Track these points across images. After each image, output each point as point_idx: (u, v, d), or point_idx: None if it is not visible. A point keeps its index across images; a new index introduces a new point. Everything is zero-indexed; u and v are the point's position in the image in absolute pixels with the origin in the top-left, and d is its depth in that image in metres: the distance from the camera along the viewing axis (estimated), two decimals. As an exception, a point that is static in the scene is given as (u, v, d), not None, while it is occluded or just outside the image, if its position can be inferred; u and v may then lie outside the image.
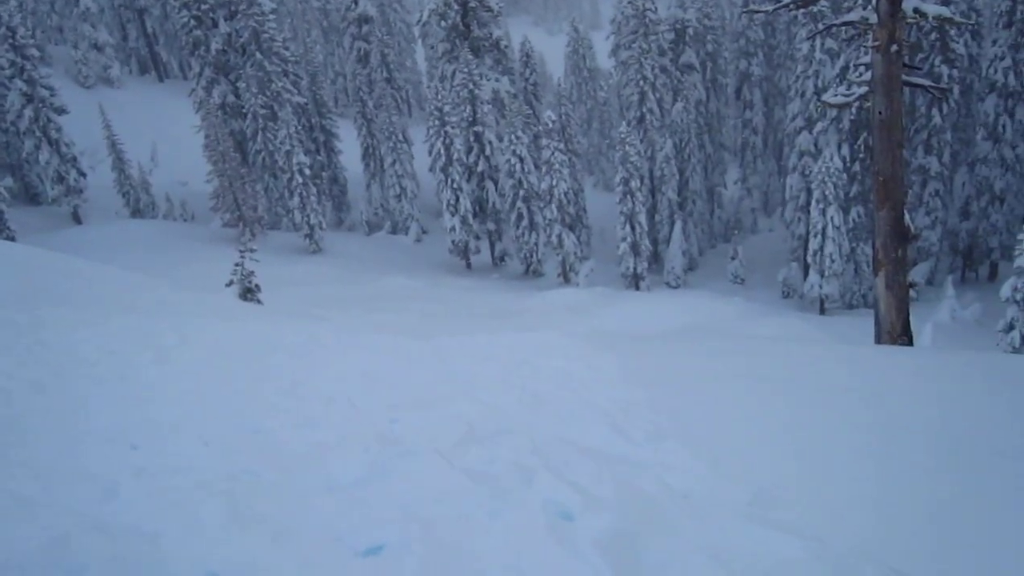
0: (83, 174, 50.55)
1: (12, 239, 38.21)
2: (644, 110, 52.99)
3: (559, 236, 46.47)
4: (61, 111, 49.97)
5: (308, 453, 6.16)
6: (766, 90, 64.91)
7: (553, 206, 45.93)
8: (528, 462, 5.84)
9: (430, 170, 49.80)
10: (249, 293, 24.12)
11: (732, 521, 5.01)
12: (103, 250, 36.37)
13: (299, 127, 51.92)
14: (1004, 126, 42.89)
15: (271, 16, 54.09)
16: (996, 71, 42.71)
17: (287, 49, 55.93)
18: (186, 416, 7.19)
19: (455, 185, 47.99)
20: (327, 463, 5.93)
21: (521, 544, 4.58)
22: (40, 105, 48.64)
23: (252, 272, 24.22)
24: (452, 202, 48.08)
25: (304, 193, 47.67)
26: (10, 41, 47.69)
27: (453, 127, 47.81)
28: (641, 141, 51.64)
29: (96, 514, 4.83)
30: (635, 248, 46.91)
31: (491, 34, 53.06)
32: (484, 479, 5.50)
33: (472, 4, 51.80)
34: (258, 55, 52.54)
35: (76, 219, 50.29)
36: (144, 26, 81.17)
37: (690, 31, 56.35)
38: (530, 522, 4.81)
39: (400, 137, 55.53)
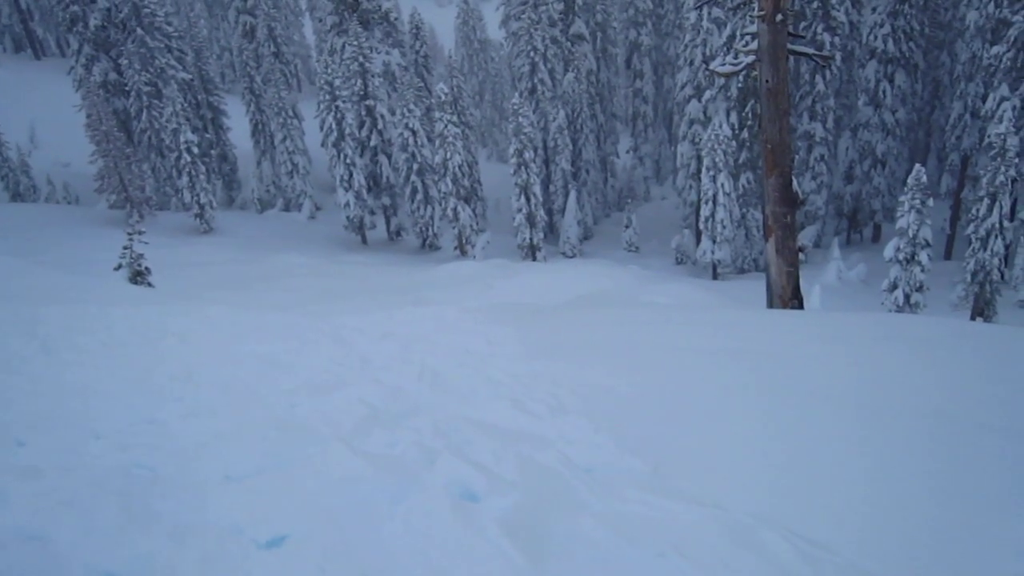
0: (-43, 159, 48.69)
1: None
2: (535, 81, 53.05)
3: (454, 209, 46.37)
4: (-70, 92, 47.98)
5: (205, 443, 6.01)
6: (655, 59, 65.64)
7: (448, 179, 45.77)
8: (430, 443, 5.81)
9: (322, 145, 49.16)
10: (139, 276, 23.51)
11: (634, 492, 5.06)
12: (-19, 236, 35.07)
13: (185, 104, 50.61)
14: (884, 92, 44.19)
15: (152, -10, 52.59)
16: (876, 38, 43.95)
17: (170, 24, 54.46)
18: (76, 409, 6.95)
19: (348, 160, 47.46)
20: (225, 453, 5.79)
21: (426, 528, 4.55)
22: (-92, 86, 46.60)
23: (141, 255, 23.60)
24: (345, 177, 47.55)
25: (193, 172, 46.63)
26: None
27: (344, 101, 47.22)
28: (534, 112, 51.75)
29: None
30: (531, 219, 47.07)
31: (380, 6, 52.43)
32: (386, 463, 5.44)
33: (360, -24, 51.15)
34: (139, 31, 51.04)
35: (-49, 206, 48.41)
36: (17, 2, 78.08)
37: (579, 1, 56.47)
38: (434, 505, 4.77)
39: (290, 112, 54.69)
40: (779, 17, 14.29)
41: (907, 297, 29.42)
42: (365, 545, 4.42)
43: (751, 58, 15.43)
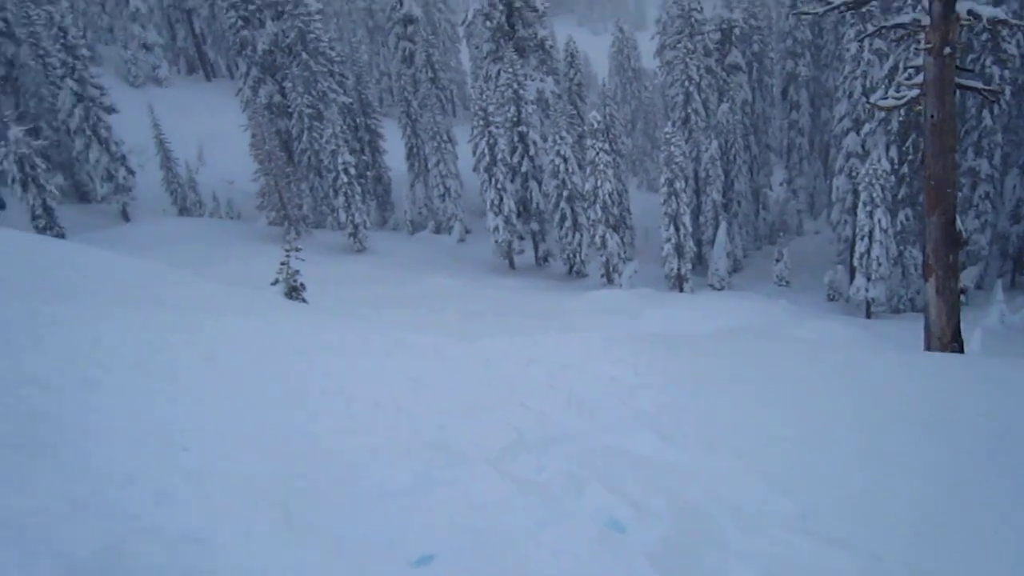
0: (132, 172, 51.22)
1: (62, 236, 38.80)
2: (689, 110, 52.73)
3: (603, 237, 46.35)
4: (111, 110, 50.65)
5: (357, 458, 6.15)
6: (813, 91, 64.34)
7: (597, 207, 45.81)
8: (578, 471, 5.81)
9: (474, 170, 49.89)
10: (294, 292, 24.26)
11: (783, 534, 4.96)
12: (151, 247, 36.80)
13: (344, 126, 52.17)
14: (1057, 128, 42.26)
15: (317, 16, 54.46)
16: (1049, 71, 42.10)
17: (333, 49, 56.27)
18: (235, 417, 7.20)
19: (499, 185, 48.02)
20: (376, 469, 5.92)
21: (573, 556, 4.56)
22: (90, 104, 49.32)
23: (297, 271, 24.36)
24: (496, 202, 48.11)
25: (349, 192, 47.96)
26: (62, 41, 48.38)
27: (497, 127, 47.85)
28: (686, 142, 51.38)
29: (150, 519, 4.85)
30: (679, 249, 46.69)
31: (536, 34, 53.02)
32: (534, 488, 5.47)
33: (517, 4, 51.79)
34: (304, 55, 52.88)
35: (125, 217, 50.93)
36: (192, 26, 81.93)
37: (736, 31, 55.94)
38: (581, 533, 4.78)
39: (444, 137, 55.68)
40: (947, 50, 13.85)
41: (1076, 344, 28.01)
42: (512, 569, 4.45)
43: (915, 92, 14.99)
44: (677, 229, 46.34)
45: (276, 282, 24.14)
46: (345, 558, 4.54)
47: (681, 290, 47.24)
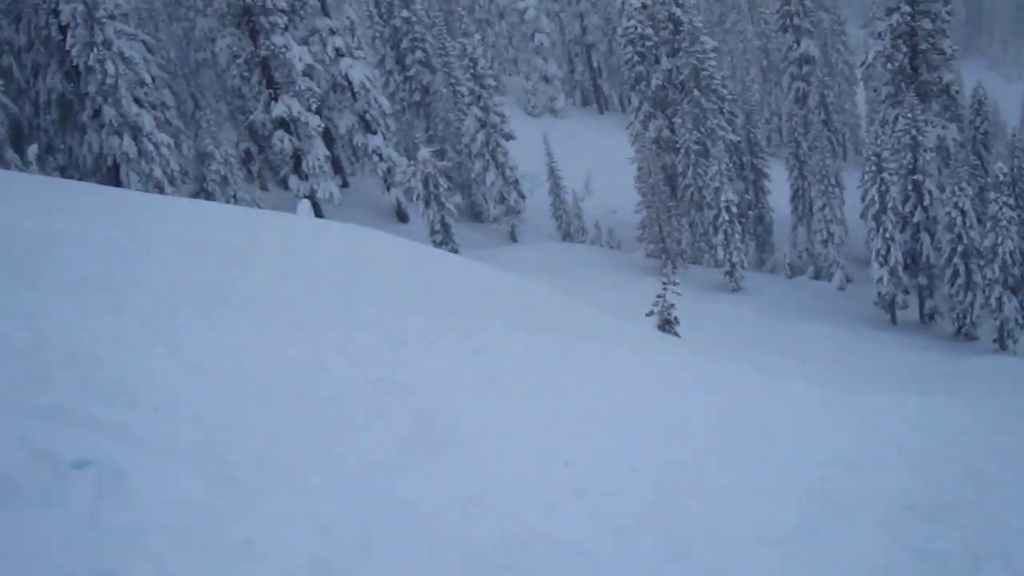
0: (523, 196, 53.92)
1: (455, 251, 41.50)
2: (1113, 168, 47.75)
3: (999, 299, 42.94)
4: (509, 137, 53.65)
5: (737, 499, 6.11)
6: None
7: (995, 265, 42.54)
8: (975, 546, 5.43)
9: (861, 217, 47.92)
10: (667, 325, 24.49)
11: None
12: (535, 268, 38.49)
13: (730, 164, 52.01)
14: None
15: (712, 54, 54.78)
16: None
17: (725, 87, 56.33)
18: (612, 437, 7.38)
19: (887, 234, 45.82)
20: (755, 512, 5.84)
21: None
22: (491, 131, 52.52)
23: (672, 304, 24.57)
24: (882, 252, 45.93)
25: (729, 231, 47.73)
26: (471, 71, 51.96)
27: (890, 174, 45.69)
28: (1107, 202, 46.56)
29: (540, 525, 5.08)
30: (1089, 319, 42.37)
31: (940, 78, 50.22)
32: (929, 558, 5.18)
33: (922, 47, 49.31)
34: (696, 92, 53.32)
35: (512, 237, 53.71)
36: (590, 61, 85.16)
37: None
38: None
39: (832, 181, 54.01)
40: None
41: None
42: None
43: None
44: (1088, 297, 42.08)
45: (651, 313, 24.49)
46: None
47: (1090, 366, 42.79)
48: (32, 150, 30.55)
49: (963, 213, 44.11)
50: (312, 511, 4.57)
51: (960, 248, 44.67)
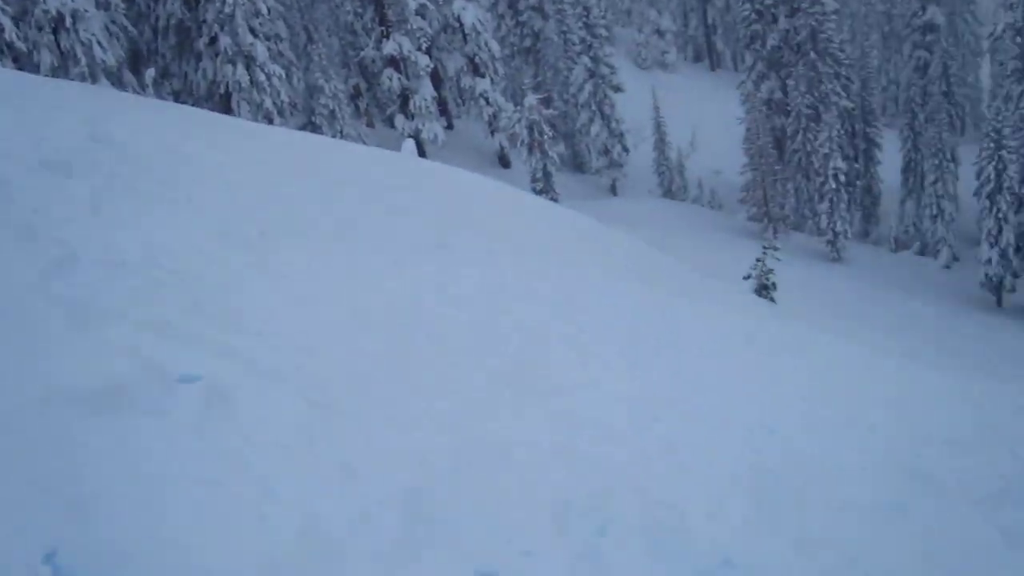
0: (627, 150, 53.39)
1: (555, 200, 41.37)
2: None
3: (1111, 288, 41.44)
4: (617, 89, 53.05)
5: (825, 469, 6.02)
6: None
7: (1111, 254, 41.00)
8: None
9: (974, 195, 46.48)
10: (764, 289, 24.16)
11: None
12: (634, 222, 38.19)
13: (841, 131, 50.73)
14: None
15: (832, 16, 53.34)
16: None
17: (842, 51, 54.82)
18: (711, 402, 7.33)
19: (1000, 214, 44.37)
20: (845, 483, 5.75)
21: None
22: (599, 81, 51.99)
23: (771, 270, 24.22)
24: (994, 232, 44.52)
25: (835, 199, 46.71)
26: (584, 19, 51.41)
27: (1010, 152, 44.13)
28: None
29: (630, 476, 5.08)
30: None
31: (1074, 56, 48.20)
32: (1019, 543, 5.03)
33: (1058, 21, 47.34)
34: (812, 54, 52.01)
35: (613, 191, 53.33)
36: (706, 16, 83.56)
37: None
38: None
39: (948, 155, 52.36)
40: None
41: None
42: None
43: None
44: None
45: (748, 277, 24.18)
46: (809, 562, 4.52)
47: None
48: (149, 74, 31.19)
49: (1083, 196, 42.52)
50: (407, 441, 4.63)
51: (1076, 233, 43.14)
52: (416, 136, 38.58)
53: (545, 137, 42.80)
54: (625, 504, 4.63)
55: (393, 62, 40.75)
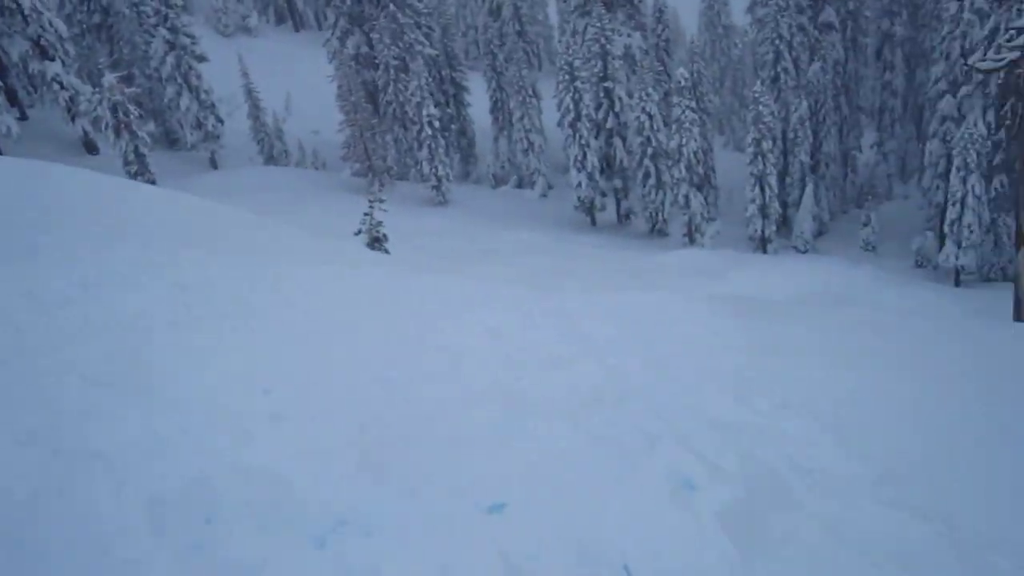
0: (221, 121, 51.83)
1: (153, 182, 39.51)
2: (779, 69, 51.70)
3: (686, 196, 45.90)
4: (201, 59, 51.22)
5: (435, 407, 6.26)
6: (908, 51, 62.46)
7: (681, 165, 45.34)
8: (653, 428, 5.85)
9: (558, 125, 49.61)
10: (376, 243, 24.57)
11: (857, 498, 4.95)
12: (238, 194, 37.34)
13: (430, 79, 52.17)
14: None
15: (406, -33, 54.47)
16: None
17: (420, 1, 56.23)
18: (315, 361, 7.37)
19: (583, 141, 47.73)
20: (453, 417, 6.02)
21: (643, 510, 4.62)
22: (182, 53, 49.92)
23: (380, 222, 24.65)
24: (579, 158, 47.86)
25: (433, 145, 48.10)
26: (154, -11, 49.11)
27: (583, 82, 47.46)
28: (775, 101, 50.39)
29: (233, 457, 5.03)
30: (764, 210, 46.08)
31: (624, -12, 52.41)
32: (608, 443, 5.53)
33: (603, -40, 51.19)
34: (392, 6, 52.93)
35: (213, 164, 51.74)
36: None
37: (831, -12, 54.54)
38: (653, 489, 4.84)
39: (529, 92, 55.39)
40: (1051, 12, 13.39)
41: None
42: (582, 520, 4.53)
43: (1016, 54, 14.57)
44: (763, 190, 45.70)
45: (359, 232, 24.48)
46: (419, 501, 4.67)
47: (764, 252, 46.68)
48: None
49: (651, 117, 46.56)
50: None
51: (650, 151, 47.27)
52: (-16, 131, 35.43)
53: (131, 117, 40.57)
54: (228, 487, 4.61)
55: (-58, 53, 37.00)
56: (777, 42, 50.98)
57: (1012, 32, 14.82)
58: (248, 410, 5.92)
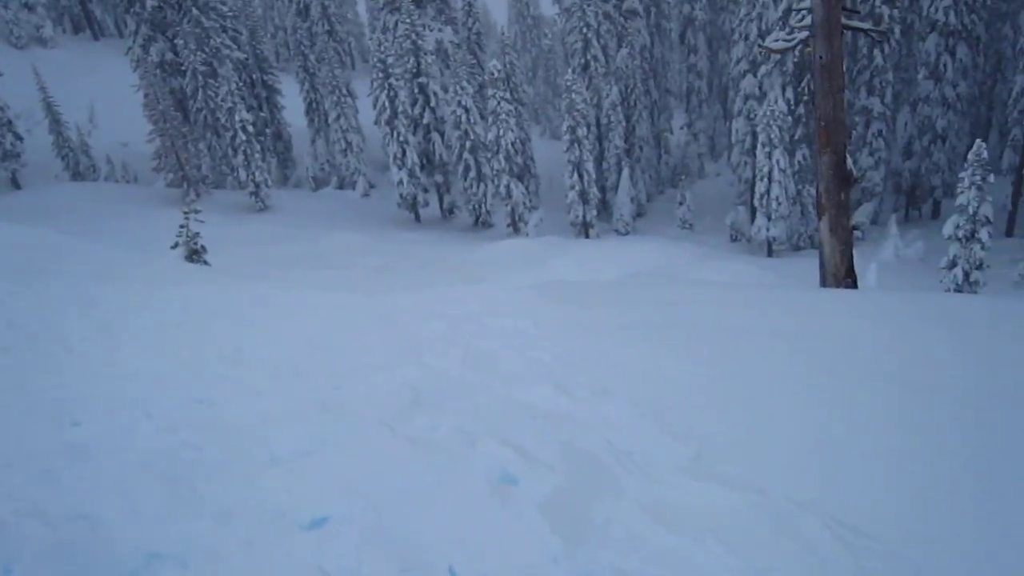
0: (20, 138, 49.43)
1: (-54, 208, 37.36)
2: (588, 57, 52.79)
3: (507, 186, 46.35)
4: (-8, 73, 48.72)
5: (252, 425, 6.08)
6: (710, 34, 64.92)
7: (500, 156, 45.75)
8: (472, 427, 5.82)
9: (375, 123, 49.36)
10: (195, 255, 23.88)
11: (675, 477, 5.04)
12: (44, 215, 35.71)
13: (240, 83, 51.11)
14: (945, 65, 43.28)
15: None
16: (937, 10, 43.00)
17: (224, 4, 54.94)
18: (130, 389, 7.07)
19: (401, 138, 47.62)
20: (270, 435, 5.85)
21: (465, 511, 4.59)
22: (-30, 67, 47.38)
23: (198, 233, 23.98)
24: (399, 155, 47.73)
25: (248, 150, 47.10)
26: (-64, 2, 46.38)
27: (397, 79, 47.32)
28: (587, 88, 51.45)
29: (33, 498, 4.75)
30: (583, 196, 46.97)
31: (432, -17, 52.45)
32: (428, 447, 5.47)
33: (404, -46, 51.13)
34: (195, 11, 51.52)
35: (15, 184, 49.24)
36: (75, -20, 79.20)
37: (633, -25, 55.98)
38: (473, 489, 4.81)
39: (344, 91, 54.92)
40: (833, -9, 14.04)
41: (967, 275, 28.89)
42: (404, 527, 4.47)
43: (805, 34, 15.20)
44: (581, 176, 46.57)
45: (176, 245, 23.76)
46: (235, 527, 4.51)
47: (587, 237, 47.60)
48: None
49: (467, 111, 46.84)
50: None
51: (468, 144, 47.55)
52: None
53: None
54: (28, 532, 4.34)
55: None
56: (585, 30, 52.01)
57: (802, 12, 15.45)
58: (55, 446, 5.61)
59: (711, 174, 63.87)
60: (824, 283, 15.46)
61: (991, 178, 27.98)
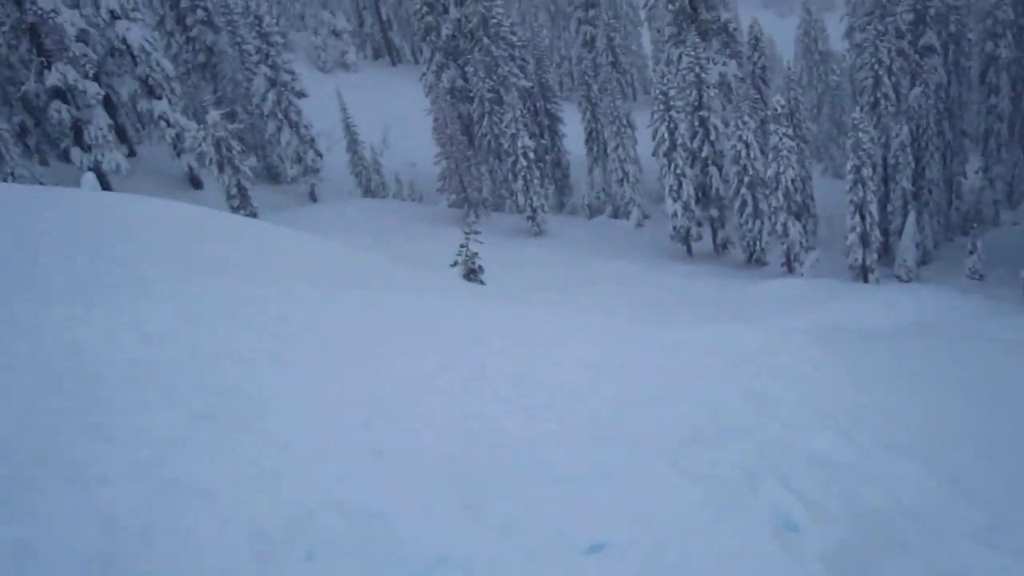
0: (320, 155, 52.87)
1: (254, 215, 40.46)
2: (878, 95, 50.76)
3: (784, 224, 45.20)
4: (301, 95, 52.40)
5: (533, 444, 6.24)
6: (1015, 74, 60.83)
7: (779, 193, 44.70)
8: (753, 467, 5.74)
9: (653, 155, 49.37)
10: (472, 274, 24.73)
11: (967, 544, 4.78)
12: (337, 227, 38.06)
13: (524, 111, 52.52)
14: None
15: (499, 1, 54.96)
16: None
17: (514, 34, 56.64)
18: (416, 397, 7.41)
19: (678, 170, 47.44)
20: (551, 455, 5.99)
21: (745, 552, 4.53)
22: (282, 89, 51.17)
23: (476, 253, 24.81)
24: (675, 187, 47.56)
25: (528, 176, 48.30)
26: (257, 28, 50.42)
27: (678, 112, 47.23)
28: (875, 127, 49.45)
29: (335, 493, 5.07)
30: (864, 239, 45.09)
31: (719, 17, 52.06)
32: (708, 482, 5.45)
33: (701, -13, 51.06)
34: (486, 40, 53.46)
35: (312, 197, 52.73)
36: (379, 12, 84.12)
37: (932, 11, 53.40)
38: (754, 530, 4.74)
39: (624, 121, 55.33)
40: None
41: None
42: (683, 561, 4.46)
43: None
44: (863, 218, 44.75)
45: (455, 264, 24.66)
46: (517, 541, 4.64)
47: (865, 281, 45.65)
48: None
49: (747, 145, 46.09)
50: (94, 501, 4.44)
51: (746, 179, 46.75)
52: (96, 168, 36.84)
53: (234, 152, 41.72)
54: (330, 524, 4.64)
55: (59, 93, 38.45)
56: (876, 67, 50.10)
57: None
58: (351, 446, 5.98)
59: (1007, 222, 59.72)
60: None
61: None
